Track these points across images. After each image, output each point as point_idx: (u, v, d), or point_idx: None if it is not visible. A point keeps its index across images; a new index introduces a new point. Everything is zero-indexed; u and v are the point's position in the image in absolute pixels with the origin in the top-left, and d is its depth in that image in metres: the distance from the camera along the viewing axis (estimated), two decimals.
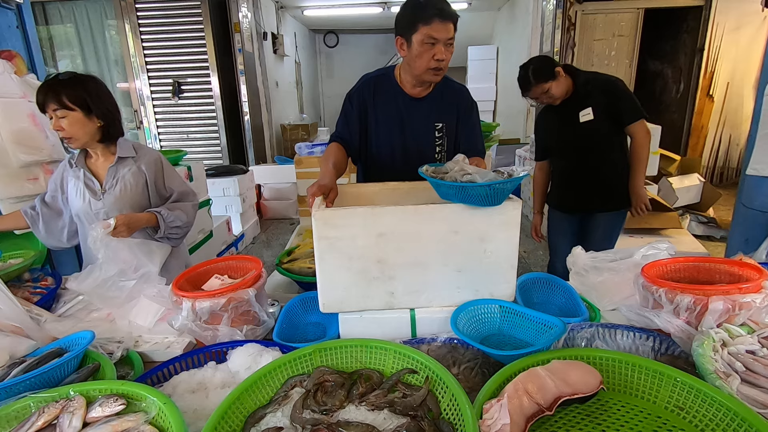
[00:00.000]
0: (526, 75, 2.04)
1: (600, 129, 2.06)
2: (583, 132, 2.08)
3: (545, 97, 2.08)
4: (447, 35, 1.41)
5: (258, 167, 5.50)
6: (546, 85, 2.03)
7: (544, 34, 5.58)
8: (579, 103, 2.07)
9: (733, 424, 0.69)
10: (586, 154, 2.14)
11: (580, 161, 2.17)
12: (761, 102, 2.17)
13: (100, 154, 1.60)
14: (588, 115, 2.05)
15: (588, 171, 2.16)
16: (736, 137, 5.68)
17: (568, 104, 2.11)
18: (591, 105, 2.04)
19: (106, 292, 1.34)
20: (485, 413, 0.73)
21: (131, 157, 1.61)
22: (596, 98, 2.04)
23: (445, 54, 1.45)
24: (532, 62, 2.07)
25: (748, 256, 1.17)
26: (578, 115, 2.07)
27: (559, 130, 2.19)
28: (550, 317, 0.99)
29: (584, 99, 2.06)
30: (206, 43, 5.36)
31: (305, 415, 0.81)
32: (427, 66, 1.46)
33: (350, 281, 1.05)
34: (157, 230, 1.59)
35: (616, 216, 2.20)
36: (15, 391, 0.85)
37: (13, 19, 2.30)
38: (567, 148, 2.20)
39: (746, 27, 5.23)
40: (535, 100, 2.12)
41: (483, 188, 0.96)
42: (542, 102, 2.14)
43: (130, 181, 1.59)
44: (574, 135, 2.12)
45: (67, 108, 1.44)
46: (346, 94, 1.67)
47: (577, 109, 2.08)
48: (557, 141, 2.24)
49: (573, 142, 2.15)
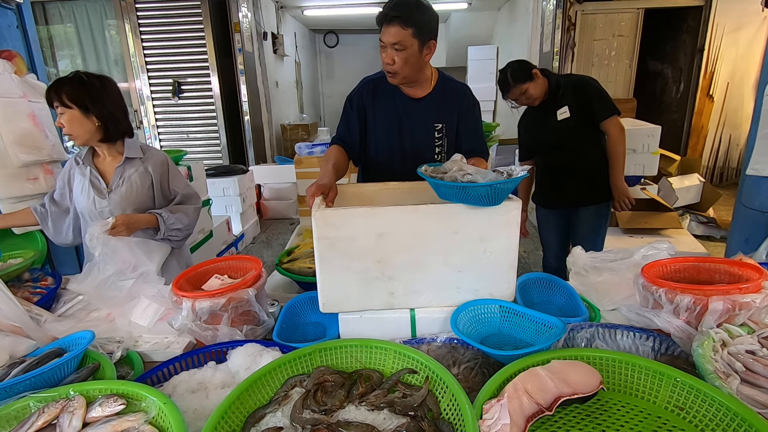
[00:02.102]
0: (505, 77, 2.15)
1: (576, 126, 2.15)
2: (561, 130, 2.18)
3: (524, 98, 2.17)
4: (390, 39, 1.42)
5: (258, 167, 5.50)
6: (524, 86, 2.12)
7: (544, 34, 5.58)
8: (555, 104, 2.17)
9: (733, 424, 0.69)
10: (564, 152, 2.23)
11: (560, 158, 2.27)
12: (761, 102, 2.16)
13: (106, 153, 1.62)
14: (565, 113, 2.15)
15: (567, 167, 2.25)
16: (736, 137, 5.68)
17: (545, 105, 2.20)
18: (567, 104, 2.14)
19: (105, 292, 1.34)
20: (485, 413, 0.73)
21: (138, 157, 1.62)
22: (570, 98, 2.14)
23: (395, 57, 1.45)
24: (510, 65, 2.17)
25: (748, 256, 1.17)
26: (556, 115, 2.16)
27: (538, 130, 2.29)
28: (550, 317, 0.99)
29: (560, 99, 2.16)
30: (206, 43, 5.36)
31: (305, 415, 0.81)
32: (384, 69, 1.51)
33: (350, 281, 1.05)
34: (158, 232, 1.60)
35: (599, 209, 2.28)
36: (15, 391, 0.85)
37: (13, 19, 2.30)
38: (547, 146, 2.30)
39: (746, 27, 5.23)
40: (515, 101, 2.22)
41: (483, 188, 0.96)
42: (521, 103, 2.24)
43: (136, 182, 1.60)
44: (552, 133, 2.21)
45: (65, 106, 1.47)
46: (347, 96, 1.67)
47: (555, 109, 2.17)
48: (538, 140, 2.34)
49: (552, 141, 2.25)
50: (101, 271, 1.37)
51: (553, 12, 5.24)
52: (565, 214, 2.39)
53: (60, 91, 1.46)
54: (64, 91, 1.47)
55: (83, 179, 1.60)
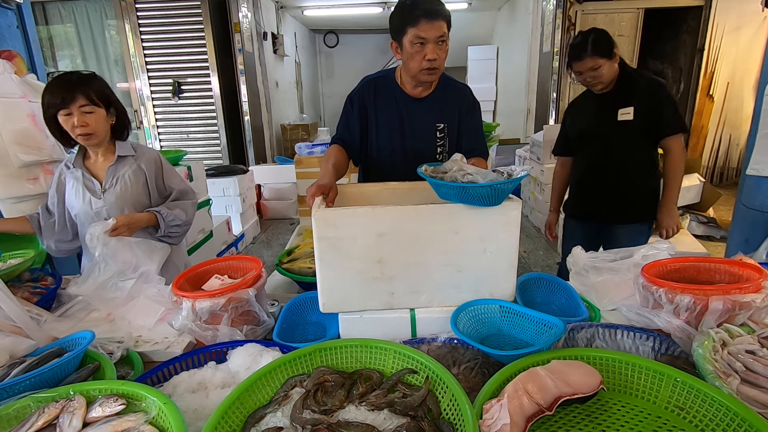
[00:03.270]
0: (585, 42, 1.81)
1: (636, 132, 1.89)
2: (617, 131, 1.90)
3: (591, 76, 1.85)
4: (436, 34, 1.41)
5: (258, 167, 5.50)
6: (600, 61, 1.81)
7: (544, 34, 5.58)
8: (620, 99, 1.89)
9: (733, 424, 0.69)
10: (613, 157, 1.96)
11: (606, 163, 1.98)
12: (761, 102, 2.16)
13: (101, 153, 1.61)
14: (627, 115, 1.86)
15: (611, 176, 1.98)
16: (736, 137, 5.68)
17: (607, 96, 1.92)
18: (633, 104, 1.86)
19: (106, 293, 1.34)
20: (485, 413, 0.73)
21: (131, 155, 1.62)
22: (639, 98, 1.85)
23: (438, 53, 1.44)
24: (594, 31, 1.84)
25: (748, 256, 1.17)
26: (617, 112, 1.88)
27: (590, 124, 1.99)
28: (550, 317, 0.99)
29: (626, 95, 1.88)
30: (206, 43, 5.36)
31: (305, 415, 0.81)
32: (420, 67, 1.46)
33: (350, 281, 1.05)
34: (158, 229, 1.60)
35: (639, 230, 2.02)
36: (15, 391, 0.84)
37: (13, 19, 2.30)
38: (595, 145, 2.00)
39: (746, 27, 5.23)
40: (579, 74, 1.88)
41: (484, 188, 0.96)
42: (584, 81, 1.91)
43: (130, 179, 1.59)
44: (606, 132, 1.94)
45: (94, 104, 1.46)
46: (347, 96, 1.66)
47: (617, 105, 1.89)
48: (586, 136, 2.03)
49: (603, 141, 1.96)
50: (102, 272, 1.37)
51: (553, 12, 5.25)
52: (597, 230, 2.09)
53: (88, 90, 1.45)
54: (93, 90, 1.45)
55: (76, 183, 1.59)
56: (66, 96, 1.43)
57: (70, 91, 1.43)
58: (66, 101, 1.43)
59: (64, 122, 1.47)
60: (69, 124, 1.46)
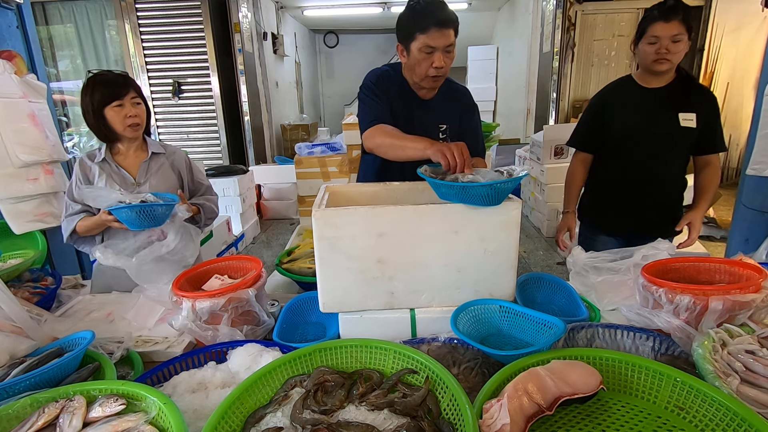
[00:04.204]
0: (676, 6, 1.56)
1: (689, 142, 1.70)
2: (675, 137, 1.69)
3: (668, 47, 1.57)
4: (445, 42, 1.40)
5: (258, 167, 5.50)
6: (685, 33, 1.55)
7: (544, 34, 5.58)
8: (681, 100, 1.68)
9: (733, 424, 0.69)
10: (662, 165, 1.74)
11: (650, 171, 1.75)
12: (761, 102, 2.17)
13: (133, 149, 1.64)
14: (691, 122, 1.65)
15: (652, 185, 1.78)
16: (736, 137, 5.68)
17: (663, 94, 1.69)
18: (696, 111, 1.66)
19: (144, 263, 1.42)
20: (485, 413, 0.73)
21: (162, 153, 1.68)
22: (700, 107, 1.67)
23: (445, 60, 1.44)
24: (681, 1, 1.58)
25: (748, 256, 1.17)
26: (677, 114, 1.66)
27: (641, 122, 1.71)
28: (550, 317, 0.99)
29: (687, 99, 1.68)
30: (206, 43, 5.36)
31: (305, 415, 0.81)
32: (426, 74, 1.46)
33: (350, 281, 1.05)
34: (197, 221, 1.69)
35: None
36: (15, 391, 0.85)
37: (13, 19, 2.30)
38: (646, 145, 1.73)
39: (746, 27, 5.23)
40: (651, 45, 1.59)
41: (484, 188, 0.96)
42: (655, 53, 1.59)
43: (164, 174, 1.66)
44: (667, 132, 1.69)
45: (141, 96, 1.58)
46: (362, 86, 1.58)
47: (677, 107, 1.67)
48: (638, 131, 1.73)
49: (655, 143, 1.71)
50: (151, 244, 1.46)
51: (553, 12, 5.25)
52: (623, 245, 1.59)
53: (134, 84, 1.56)
54: (134, 86, 1.56)
55: (106, 176, 1.59)
56: (119, 90, 1.51)
57: (120, 85, 1.52)
58: (120, 94, 1.51)
59: (114, 114, 1.51)
60: (120, 115, 1.51)
